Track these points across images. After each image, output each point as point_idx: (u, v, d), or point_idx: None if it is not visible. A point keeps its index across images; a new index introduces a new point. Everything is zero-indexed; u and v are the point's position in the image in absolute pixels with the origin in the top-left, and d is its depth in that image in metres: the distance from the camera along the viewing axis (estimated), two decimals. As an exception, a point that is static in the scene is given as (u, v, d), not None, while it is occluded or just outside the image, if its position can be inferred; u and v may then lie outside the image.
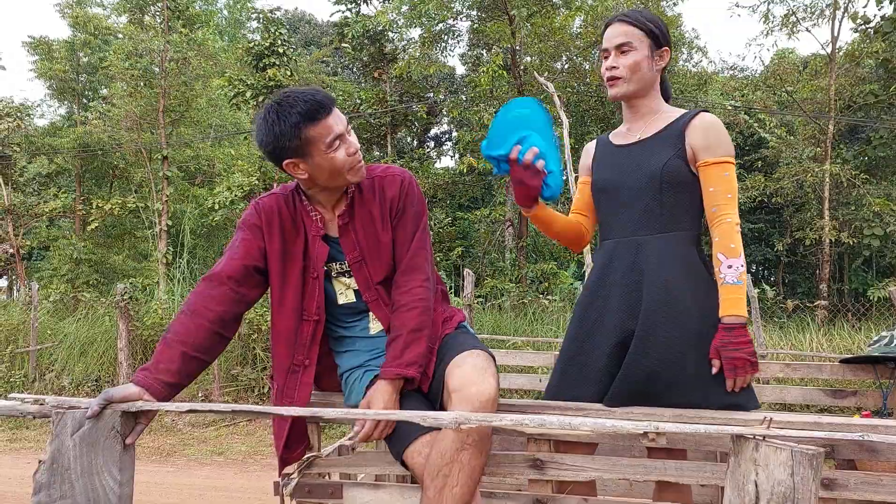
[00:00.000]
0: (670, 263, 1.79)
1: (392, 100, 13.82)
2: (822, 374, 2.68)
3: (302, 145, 1.63)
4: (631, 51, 1.85)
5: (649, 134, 1.88)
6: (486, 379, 1.61)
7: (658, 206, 1.82)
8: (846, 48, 12.83)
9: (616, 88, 1.89)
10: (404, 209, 1.80)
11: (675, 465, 1.58)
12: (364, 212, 1.79)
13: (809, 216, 13.17)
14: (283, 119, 1.61)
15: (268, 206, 1.79)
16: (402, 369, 1.62)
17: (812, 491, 1.05)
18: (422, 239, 1.80)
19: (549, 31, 11.99)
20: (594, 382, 1.80)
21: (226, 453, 5.97)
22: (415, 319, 1.68)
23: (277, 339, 1.80)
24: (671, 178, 1.80)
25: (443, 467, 1.54)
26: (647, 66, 1.85)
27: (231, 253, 1.75)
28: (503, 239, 14.57)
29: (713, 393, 1.72)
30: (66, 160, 16.05)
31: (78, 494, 1.32)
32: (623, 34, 1.85)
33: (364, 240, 1.79)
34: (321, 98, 1.63)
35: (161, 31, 14.03)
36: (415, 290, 1.73)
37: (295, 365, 1.78)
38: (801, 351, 7.06)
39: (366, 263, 1.79)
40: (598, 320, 1.85)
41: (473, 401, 1.56)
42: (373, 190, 1.80)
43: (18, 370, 8.36)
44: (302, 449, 1.83)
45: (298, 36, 25.49)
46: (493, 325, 8.22)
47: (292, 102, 1.61)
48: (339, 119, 1.66)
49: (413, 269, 1.76)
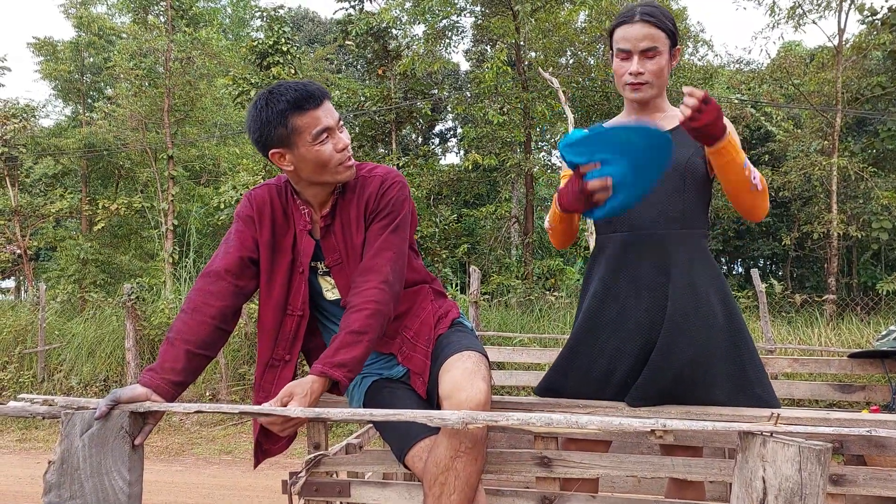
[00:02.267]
0: (696, 262, 1.77)
1: (396, 97, 13.81)
2: (830, 369, 2.67)
3: (288, 134, 1.61)
4: (657, 55, 1.77)
5: (668, 128, 1.82)
6: (475, 384, 1.57)
7: (681, 201, 1.79)
8: (853, 40, 12.72)
9: (641, 93, 1.81)
10: (378, 209, 1.73)
11: (682, 462, 1.58)
12: (345, 213, 1.75)
13: (817, 210, 13.10)
14: (270, 106, 1.60)
15: (259, 197, 1.78)
16: (329, 369, 1.51)
17: (820, 486, 1.05)
18: (388, 240, 1.70)
19: (554, 27, 11.94)
20: (606, 380, 1.78)
21: (234, 452, 6.00)
22: (360, 321, 1.57)
23: (261, 333, 1.78)
24: (693, 174, 1.78)
25: (438, 476, 1.54)
26: (668, 68, 1.81)
27: (226, 247, 1.74)
28: (509, 235, 14.56)
29: (741, 395, 1.71)
30: (72, 161, 16.11)
31: (88, 494, 1.33)
32: (650, 38, 1.75)
33: (342, 242, 1.76)
34: (312, 89, 1.61)
35: (165, 30, 14.06)
36: (368, 291, 1.62)
37: (274, 359, 1.75)
38: (810, 346, 7.04)
39: (346, 266, 1.76)
40: (617, 318, 1.80)
41: (463, 407, 1.53)
42: (354, 190, 1.76)
43: (27, 371, 8.41)
44: (284, 442, 1.79)
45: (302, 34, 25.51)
46: (500, 322, 8.22)
47: (283, 90, 1.60)
48: (329, 113, 1.63)
49: (370, 271, 1.66)
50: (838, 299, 10.32)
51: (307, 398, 1.47)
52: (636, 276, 1.78)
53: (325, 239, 1.76)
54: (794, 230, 14.56)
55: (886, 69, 12.63)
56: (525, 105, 12.33)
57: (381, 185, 1.74)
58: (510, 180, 15.17)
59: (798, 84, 13.09)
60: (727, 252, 18.28)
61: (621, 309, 1.80)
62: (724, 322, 1.74)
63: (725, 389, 1.72)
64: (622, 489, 2.54)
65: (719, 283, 1.78)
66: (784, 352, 6.64)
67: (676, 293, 1.73)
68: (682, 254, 1.77)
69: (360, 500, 1.77)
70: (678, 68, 13.08)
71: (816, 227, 12.15)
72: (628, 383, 1.75)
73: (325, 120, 1.62)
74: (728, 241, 17.63)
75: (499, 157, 12.94)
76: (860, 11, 11.71)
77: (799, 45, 17.46)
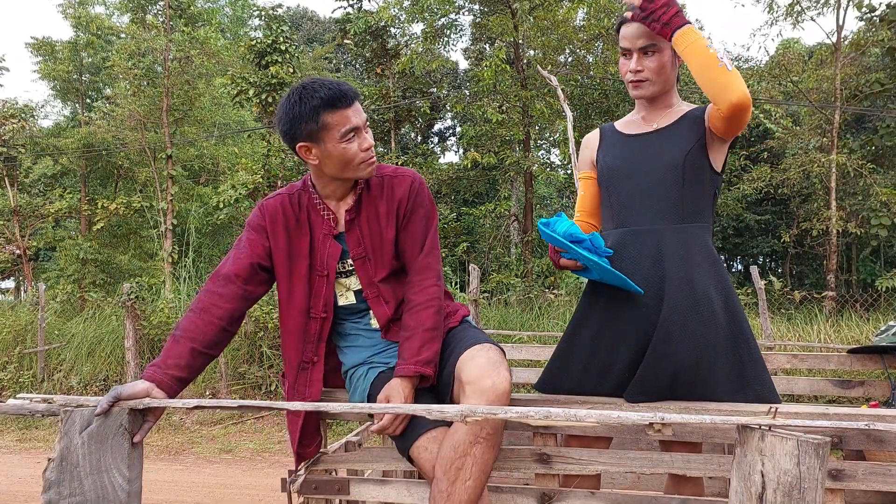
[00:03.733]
0: (693, 257, 1.76)
1: (395, 95, 13.81)
2: (829, 365, 2.68)
3: (317, 130, 1.66)
4: (656, 53, 1.80)
5: (666, 123, 1.85)
6: (500, 372, 1.61)
7: (680, 196, 1.78)
8: (852, 37, 12.73)
9: (641, 90, 1.84)
10: (414, 209, 1.81)
11: (682, 458, 1.58)
12: (371, 209, 1.81)
13: (816, 206, 13.12)
14: (304, 101, 1.65)
15: (271, 208, 1.82)
16: (421, 367, 1.64)
17: (818, 480, 1.05)
18: (434, 239, 1.83)
19: (552, 25, 11.94)
20: (604, 374, 1.79)
21: (234, 451, 6.00)
22: (431, 318, 1.71)
23: (287, 337, 1.83)
24: (693, 168, 1.78)
25: (455, 460, 1.55)
26: (670, 66, 1.82)
27: (238, 252, 1.79)
28: (508, 234, 14.56)
29: (741, 394, 1.71)
30: (71, 161, 16.11)
31: (87, 491, 1.33)
32: (647, 35, 1.78)
33: (369, 237, 1.81)
34: (346, 89, 1.67)
35: (163, 29, 14.05)
36: (429, 289, 1.75)
37: (304, 362, 1.81)
38: (809, 342, 7.04)
39: (369, 260, 1.81)
40: (615, 312, 1.81)
41: (489, 393, 1.56)
42: (381, 188, 1.82)
43: (27, 371, 8.41)
44: (316, 444, 1.85)
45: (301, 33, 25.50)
46: (500, 319, 8.23)
47: (316, 87, 1.65)
48: (358, 113, 1.68)
49: (427, 269, 1.78)
50: (837, 296, 10.33)
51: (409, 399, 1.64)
52: (633, 270, 1.78)
53: (349, 232, 1.81)
54: (793, 227, 14.58)
55: (885, 66, 12.63)
56: (524, 103, 12.33)
57: (411, 184, 1.83)
58: (509, 178, 15.17)
59: (797, 81, 13.09)
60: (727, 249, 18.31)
61: (619, 303, 1.80)
62: (724, 320, 1.73)
63: (726, 388, 1.71)
64: (622, 485, 2.55)
65: (720, 278, 1.77)
66: (783, 348, 6.65)
67: (673, 289, 1.73)
68: (679, 249, 1.76)
69: (360, 498, 1.77)
70: (677, 66, 13.08)
71: (815, 223, 12.17)
72: (626, 378, 1.75)
73: (354, 119, 1.67)
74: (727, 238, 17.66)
75: (498, 156, 12.95)
76: (859, 8, 11.71)
77: (797, 43, 17.47)
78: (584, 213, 2.04)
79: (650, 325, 1.74)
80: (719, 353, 1.71)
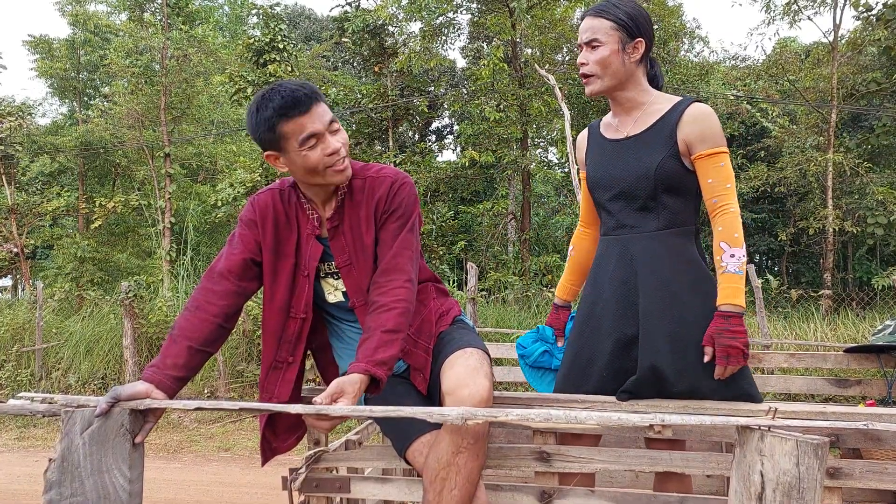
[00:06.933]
0: (666, 261, 1.78)
1: (393, 94, 13.78)
2: (826, 364, 2.69)
3: (276, 139, 1.63)
4: (599, 46, 1.81)
5: (639, 130, 1.84)
6: (477, 380, 1.59)
7: (654, 204, 1.80)
8: (848, 36, 12.76)
9: (590, 86, 1.86)
10: (390, 210, 1.74)
11: (681, 456, 1.59)
12: (353, 214, 1.76)
13: (813, 205, 13.13)
14: (260, 111, 1.62)
15: (262, 202, 1.80)
16: (372, 367, 1.51)
17: (817, 480, 1.06)
18: (406, 240, 1.73)
19: (550, 23, 11.95)
20: (596, 379, 1.83)
21: (232, 449, 6.00)
22: (392, 320, 1.59)
23: (265, 335, 1.80)
24: (665, 177, 1.77)
25: (440, 471, 1.55)
26: (617, 60, 1.80)
27: (230, 248, 1.78)
28: (506, 232, 14.55)
29: (722, 385, 1.73)
30: (69, 159, 16.06)
31: (88, 492, 1.33)
32: (590, 29, 1.81)
33: (352, 243, 1.76)
34: (300, 95, 1.60)
35: (161, 27, 14.01)
36: (395, 290, 1.64)
37: (278, 361, 1.77)
38: (806, 341, 7.05)
39: (355, 268, 1.77)
40: (599, 318, 1.86)
41: (466, 403, 1.54)
42: (363, 191, 1.76)
43: (25, 369, 8.40)
44: (293, 440, 1.83)
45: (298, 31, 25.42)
46: (497, 318, 8.23)
47: (272, 96, 1.61)
48: (317, 118, 1.62)
49: (394, 270, 1.68)
50: (834, 294, 10.36)
51: (356, 397, 1.48)
52: (613, 274, 1.84)
53: (334, 240, 1.77)
54: (789, 226, 14.60)
55: (881, 65, 12.65)
56: (521, 102, 12.33)
57: (391, 185, 1.76)
58: (507, 177, 15.16)
59: (794, 80, 13.12)
60: (724, 248, 18.27)
61: (603, 305, 1.85)
62: (700, 318, 1.74)
63: (710, 384, 1.73)
64: (620, 483, 2.55)
65: (698, 278, 1.78)
66: (780, 347, 6.67)
67: (648, 290, 1.77)
68: (653, 253, 1.79)
69: (361, 496, 1.78)
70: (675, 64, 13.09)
71: (812, 222, 12.18)
72: (605, 376, 1.80)
73: (312, 126, 1.61)
74: (725, 236, 17.60)
75: (495, 154, 12.94)
76: (855, 7, 11.72)
77: (794, 42, 17.48)
78: (584, 223, 2.15)
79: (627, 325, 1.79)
80: (699, 351, 1.73)
